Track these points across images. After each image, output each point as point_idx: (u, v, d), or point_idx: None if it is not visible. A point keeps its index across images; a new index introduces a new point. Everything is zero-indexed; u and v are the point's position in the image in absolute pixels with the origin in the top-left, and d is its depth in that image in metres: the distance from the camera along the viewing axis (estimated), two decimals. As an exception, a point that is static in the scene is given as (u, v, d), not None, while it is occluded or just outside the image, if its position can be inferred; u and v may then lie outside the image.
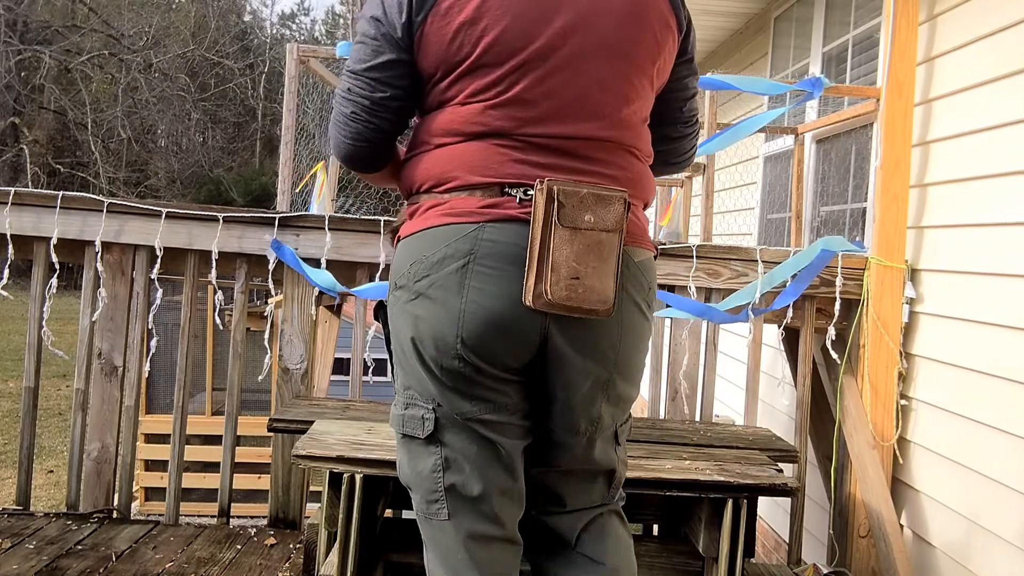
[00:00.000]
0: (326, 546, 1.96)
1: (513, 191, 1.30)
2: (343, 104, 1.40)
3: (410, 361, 1.36)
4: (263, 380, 3.44)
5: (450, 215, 1.31)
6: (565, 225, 1.25)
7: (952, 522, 2.55)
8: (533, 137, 1.32)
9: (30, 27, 22.15)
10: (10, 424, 8.51)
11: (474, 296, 1.27)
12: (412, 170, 1.40)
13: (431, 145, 1.37)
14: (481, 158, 1.32)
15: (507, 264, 1.27)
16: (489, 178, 1.31)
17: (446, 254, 1.29)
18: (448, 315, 1.28)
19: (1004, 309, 2.39)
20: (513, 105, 1.31)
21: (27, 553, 2.48)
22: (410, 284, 1.32)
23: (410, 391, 1.38)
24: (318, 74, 6.05)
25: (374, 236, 2.84)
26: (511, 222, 1.29)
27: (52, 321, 2.90)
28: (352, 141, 1.40)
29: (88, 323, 2.87)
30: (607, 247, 1.28)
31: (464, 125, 1.34)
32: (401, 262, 1.36)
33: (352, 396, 2.90)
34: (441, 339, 1.29)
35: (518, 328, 1.29)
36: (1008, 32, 2.44)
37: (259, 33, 28.50)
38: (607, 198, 1.29)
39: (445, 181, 1.34)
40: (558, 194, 1.25)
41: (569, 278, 1.24)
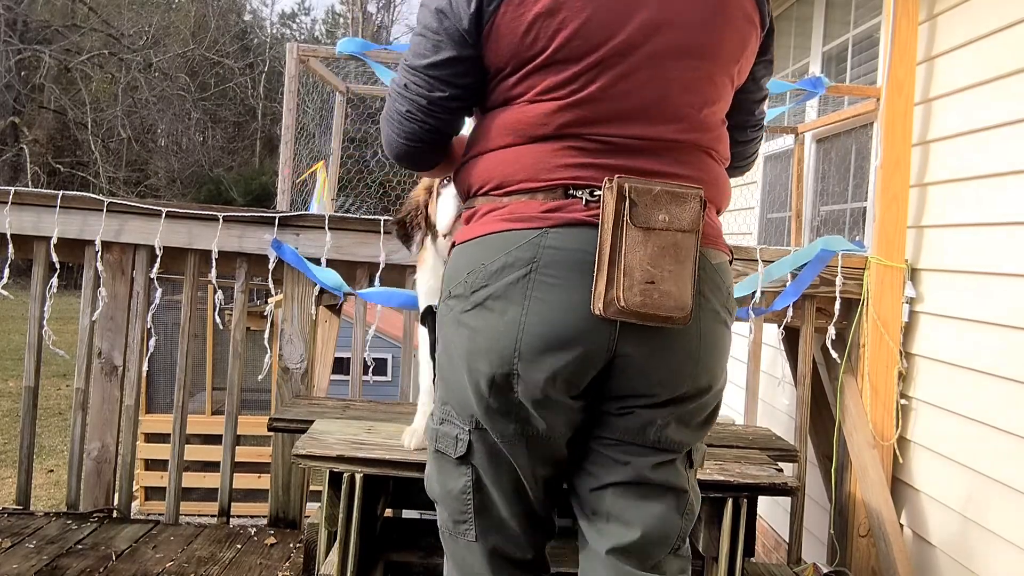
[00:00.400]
0: (326, 545, 1.96)
1: (578, 193, 1.21)
2: (398, 101, 1.31)
3: (457, 375, 1.27)
4: (263, 380, 3.44)
5: (510, 220, 1.22)
6: (638, 225, 1.16)
7: (952, 522, 2.55)
8: (605, 137, 1.23)
9: (30, 27, 22.14)
10: (10, 424, 8.51)
11: (536, 307, 1.18)
12: (470, 172, 1.32)
13: (492, 146, 1.29)
14: (545, 160, 1.24)
15: (572, 272, 1.19)
16: (552, 180, 1.23)
17: (506, 263, 1.20)
18: (507, 328, 1.19)
19: (1004, 309, 2.39)
20: (587, 105, 1.22)
21: (27, 552, 2.48)
22: (467, 294, 1.24)
23: (448, 407, 1.31)
24: (318, 74, 6.05)
25: (374, 236, 2.83)
26: (576, 226, 1.20)
27: (52, 321, 2.90)
28: (406, 141, 1.33)
29: (88, 323, 2.87)
30: (683, 249, 1.19)
31: (531, 126, 1.25)
32: (457, 270, 1.27)
33: (352, 396, 2.90)
34: (497, 353, 1.20)
35: (584, 342, 1.19)
36: (1008, 32, 2.44)
37: (259, 33, 28.51)
38: (682, 196, 1.19)
39: (505, 184, 1.25)
40: (629, 192, 1.16)
41: (643, 282, 1.15)
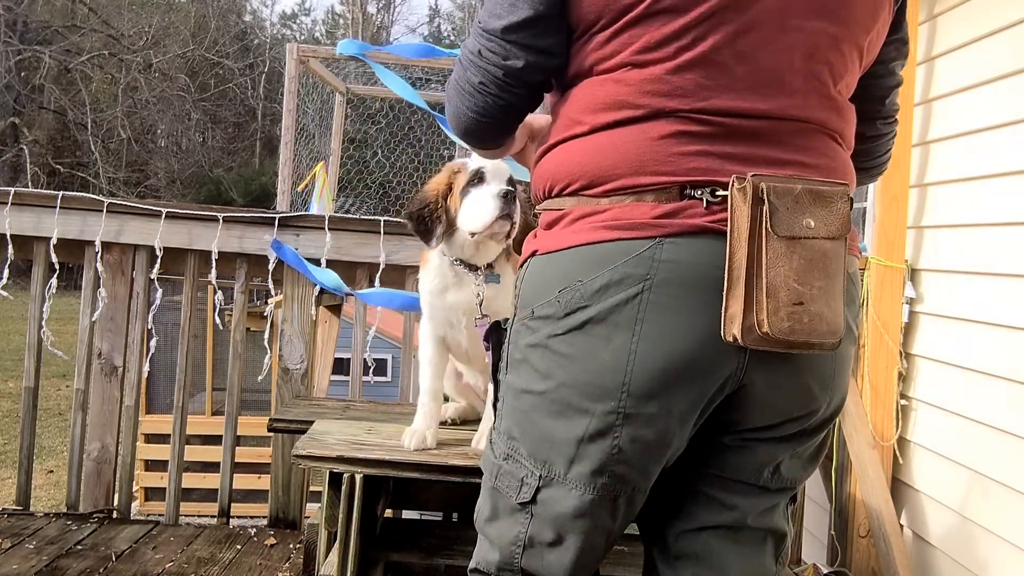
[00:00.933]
0: (326, 546, 1.95)
1: (697, 192, 1.00)
2: (471, 70, 1.10)
3: (535, 410, 1.07)
4: (263, 380, 3.44)
5: (613, 228, 1.02)
6: (780, 235, 0.96)
7: (952, 522, 2.55)
8: (719, 116, 1.01)
9: (30, 27, 22.15)
10: (10, 424, 8.51)
11: (650, 334, 0.99)
12: (553, 163, 1.11)
13: (579, 130, 1.07)
14: (652, 148, 1.01)
15: (695, 291, 0.99)
16: (664, 176, 1.01)
17: (611, 280, 1.00)
18: (612, 358, 1.00)
19: (1004, 309, 2.39)
20: (698, 68, 1.00)
21: (27, 553, 2.48)
22: (558, 315, 1.04)
23: (515, 443, 1.11)
24: (318, 74, 6.05)
25: (374, 236, 2.83)
26: (699, 235, 1.00)
27: (52, 321, 2.90)
28: (477, 115, 1.13)
29: (88, 323, 2.87)
30: (833, 260, 0.99)
31: (630, 100, 1.02)
32: (543, 286, 1.07)
33: (352, 396, 2.90)
34: (597, 388, 1.01)
35: (708, 374, 1.02)
36: (1008, 32, 2.44)
37: (259, 33, 28.51)
38: (827, 196, 0.99)
39: (602, 181, 1.04)
40: (768, 192, 0.95)
41: (791, 304, 0.95)
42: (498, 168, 1.66)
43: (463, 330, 1.79)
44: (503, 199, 1.59)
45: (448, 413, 2.08)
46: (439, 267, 1.77)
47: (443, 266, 1.76)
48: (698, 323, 0.99)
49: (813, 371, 1.07)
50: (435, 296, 1.79)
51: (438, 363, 1.87)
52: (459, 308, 1.77)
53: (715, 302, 0.98)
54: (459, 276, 1.75)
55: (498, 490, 1.14)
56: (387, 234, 2.82)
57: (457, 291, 1.76)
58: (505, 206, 1.59)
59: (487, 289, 1.72)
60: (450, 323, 1.81)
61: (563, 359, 1.04)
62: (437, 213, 1.69)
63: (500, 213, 1.59)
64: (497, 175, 1.66)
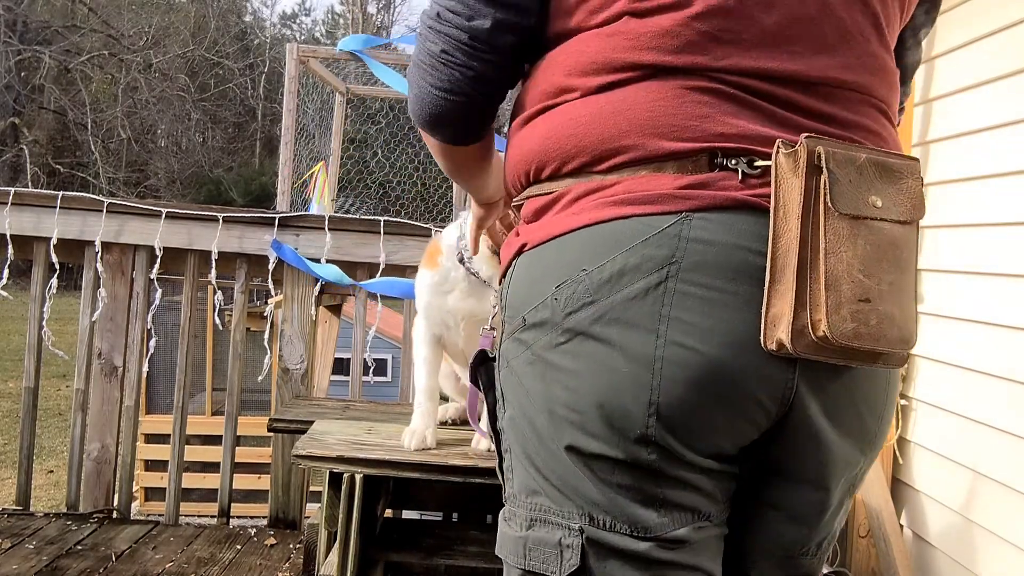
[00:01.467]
0: (326, 546, 1.95)
1: (731, 161, 0.80)
2: (431, 38, 0.91)
3: (547, 446, 0.84)
4: (263, 380, 3.44)
5: (627, 203, 0.80)
6: (843, 212, 0.76)
7: (952, 522, 2.55)
8: (743, 77, 0.81)
9: (30, 27, 22.15)
10: (10, 424, 8.51)
11: (678, 336, 0.77)
12: (537, 139, 0.89)
13: (573, 93, 0.86)
14: (670, 109, 0.81)
15: (731, 281, 0.78)
16: (687, 142, 0.80)
17: (625, 266, 0.78)
18: (632, 368, 0.78)
19: (1004, 309, 2.39)
20: (716, 18, 0.80)
21: (27, 553, 2.48)
22: (555, 319, 0.82)
23: (538, 499, 0.86)
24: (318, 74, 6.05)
25: (374, 236, 2.84)
26: (735, 210, 0.79)
27: (52, 321, 2.90)
28: (442, 91, 0.91)
29: (88, 323, 2.87)
30: (904, 250, 0.80)
31: (635, 50, 0.82)
32: (535, 286, 0.85)
33: (352, 396, 2.90)
34: (617, 409, 0.79)
35: (752, 388, 0.79)
36: (1008, 32, 2.44)
37: (259, 33, 28.51)
38: (896, 169, 0.80)
39: (608, 153, 0.83)
40: (827, 159, 0.76)
41: (855, 300, 0.75)
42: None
43: (460, 331, 1.79)
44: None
45: (448, 413, 2.08)
46: (451, 272, 1.76)
47: (456, 272, 1.75)
48: (740, 322, 0.77)
49: (865, 394, 0.86)
50: (437, 297, 1.79)
51: (433, 362, 1.86)
52: (459, 313, 1.76)
53: (755, 297, 0.77)
54: (471, 284, 1.74)
55: (533, 573, 0.85)
56: (387, 234, 2.82)
57: (463, 297, 1.76)
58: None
59: (489, 299, 1.72)
60: (446, 324, 1.80)
61: (567, 375, 0.81)
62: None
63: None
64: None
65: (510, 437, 0.90)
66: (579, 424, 0.81)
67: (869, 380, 0.85)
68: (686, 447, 0.80)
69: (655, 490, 0.81)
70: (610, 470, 0.81)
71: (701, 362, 0.77)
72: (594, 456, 0.81)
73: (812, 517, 0.89)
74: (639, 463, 0.80)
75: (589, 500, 0.82)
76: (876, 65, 0.88)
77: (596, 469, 0.81)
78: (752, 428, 0.82)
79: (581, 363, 0.80)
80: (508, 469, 0.91)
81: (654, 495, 0.81)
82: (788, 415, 0.82)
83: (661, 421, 0.78)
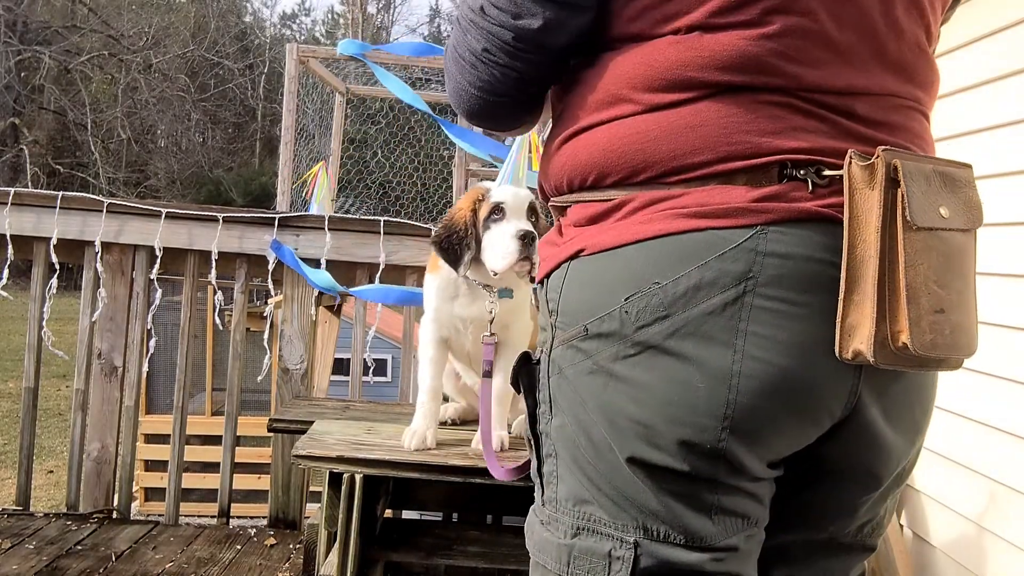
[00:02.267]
0: (326, 546, 1.95)
1: (800, 172, 0.80)
2: (473, 34, 0.87)
3: (604, 457, 0.83)
4: (263, 380, 3.44)
5: (699, 216, 0.80)
6: (920, 224, 0.76)
7: (952, 522, 2.55)
8: (816, 92, 0.82)
9: (30, 27, 22.16)
10: (10, 424, 8.51)
11: (755, 350, 0.77)
12: (598, 147, 0.86)
13: (634, 106, 0.84)
14: (740, 125, 0.80)
15: (805, 293, 0.78)
16: (758, 158, 0.80)
17: (701, 280, 0.78)
18: (708, 383, 0.78)
19: (1005, 309, 2.39)
20: (793, 37, 0.80)
21: (27, 553, 2.48)
22: (626, 331, 0.81)
23: (588, 508, 0.85)
24: (318, 74, 6.05)
25: (374, 236, 2.84)
26: (808, 222, 0.79)
27: (52, 321, 2.90)
28: (482, 92, 0.89)
29: (88, 323, 2.87)
30: (967, 258, 0.81)
31: (706, 68, 0.81)
32: (599, 295, 0.83)
33: (352, 396, 2.90)
34: (691, 423, 0.79)
35: (822, 395, 0.81)
36: (1008, 32, 2.44)
37: (259, 33, 28.52)
38: (956, 179, 0.81)
39: (679, 168, 0.81)
40: (904, 172, 0.76)
41: (932, 311, 0.77)
42: (518, 200, 1.65)
43: (468, 335, 1.79)
44: (522, 241, 1.58)
45: (448, 413, 2.08)
46: (452, 278, 1.76)
47: (457, 278, 1.75)
48: (810, 335, 0.78)
49: (920, 394, 0.88)
50: (444, 303, 1.79)
51: (438, 363, 1.87)
52: (468, 318, 1.77)
53: (828, 308, 0.77)
54: (472, 289, 1.75)
55: None
56: (387, 234, 2.82)
57: (468, 303, 1.76)
58: (524, 249, 1.58)
59: (499, 304, 1.72)
60: (456, 328, 1.81)
61: (637, 389, 0.80)
62: (467, 241, 1.66)
63: (520, 256, 1.59)
64: (517, 210, 1.64)
65: (557, 444, 0.89)
66: (646, 437, 0.80)
67: (925, 380, 0.89)
68: (753, 457, 0.80)
69: (713, 499, 0.81)
70: (671, 480, 0.81)
71: (777, 374, 0.78)
72: (657, 467, 0.81)
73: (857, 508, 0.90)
74: (703, 474, 0.80)
75: (645, 511, 0.82)
76: (927, 75, 0.90)
77: (658, 480, 0.81)
78: (815, 432, 0.83)
79: (653, 376, 0.80)
80: (550, 475, 0.90)
81: (711, 504, 0.81)
82: (849, 418, 0.83)
83: (734, 434, 0.78)
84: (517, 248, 1.59)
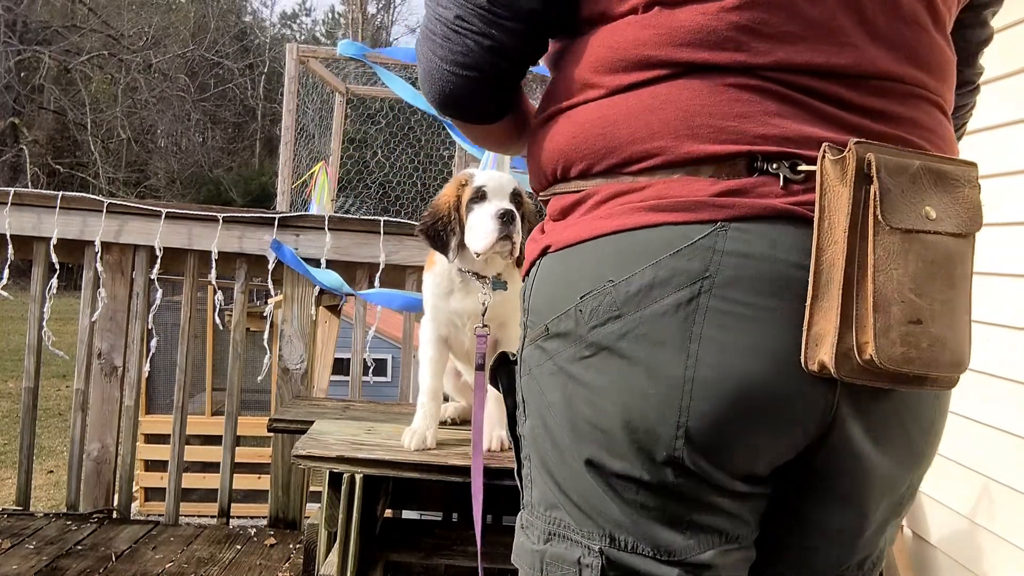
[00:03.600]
0: (326, 546, 1.96)
1: (772, 166, 0.74)
2: (443, 3, 0.83)
3: (567, 462, 0.81)
4: (263, 380, 3.44)
5: (658, 209, 0.75)
6: (895, 226, 0.70)
7: (952, 522, 2.55)
8: (791, 73, 0.75)
9: (30, 27, 22.16)
10: (10, 424, 8.51)
11: (711, 355, 0.72)
12: (562, 137, 0.84)
13: (597, 90, 0.80)
14: (707, 107, 0.75)
15: (770, 296, 0.72)
16: (726, 144, 0.75)
17: (654, 279, 0.74)
18: (660, 387, 0.74)
19: (1005, 309, 2.39)
20: (757, 9, 0.74)
21: (27, 553, 2.48)
22: (580, 331, 0.77)
23: (558, 513, 0.83)
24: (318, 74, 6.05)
25: (374, 236, 2.84)
26: (776, 220, 0.73)
27: (52, 321, 2.90)
28: (455, 66, 0.83)
29: (88, 323, 2.87)
30: (958, 265, 0.74)
31: (665, 46, 0.76)
32: (559, 293, 0.81)
33: (352, 396, 2.90)
34: (643, 429, 0.75)
35: (790, 409, 0.75)
36: (1008, 32, 2.44)
37: (259, 33, 28.52)
38: (952, 177, 0.74)
39: (640, 154, 0.77)
40: (878, 167, 0.70)
41: (906, 322, 0.70)
42: (500, 184, 1.66)
43: (467, 332, 1.79)
44: (501, 220, 1.59)
45: (448, 412, 2.08)
46: (446, 271, 1.76)
47: (451, 271, 1.76)
48: (775, 342, 0.72)
49: (914, 413, 0.81)
50: (440, 299, 1.79)
51: (439, 363, 1.87)
52: (464, 313, 1.77)
53: (797, 314, 0.72)
54: (466, 282, 1.75)
55: None
56: (387, 234, 2.82)
57: (463, 297, 1.76)
58: (504, 228, 1.59)
59: (493, 296, 1.72)
60: (454, 325, 1.81)
61: (592, 392, 0.77)
62: (451, 226, 1.67)
63: (499, 235, 1.59)
64: (499, 191, 1.65)
65: (530, 447, 0.86)
66: (602, 442, 0.77)
67: (924, 399, 0.81)
68: (717, 469, 0.75)
69: (681, 512, 0.77)
70: (634, 490, 0.77)
71: (735, 383, 0.72)
72: (617, 475, 0.77)
73: (849, 537, 0.84)
74: (665, 485, 0.75)
75: (611, 519, 0.78)
76: (931, 55, 0.81)
77: (619, 488, 0.77)
78: (789, 450, 0.77)
79: (606, 379, 0.76)
80: (527, 478, 0.88)
81: (679, 517, 0.77)
82: (827, 435, 0.77)
83: (690, 443, 0.74)
84: (496, 228, 1.59)
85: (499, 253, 1.64)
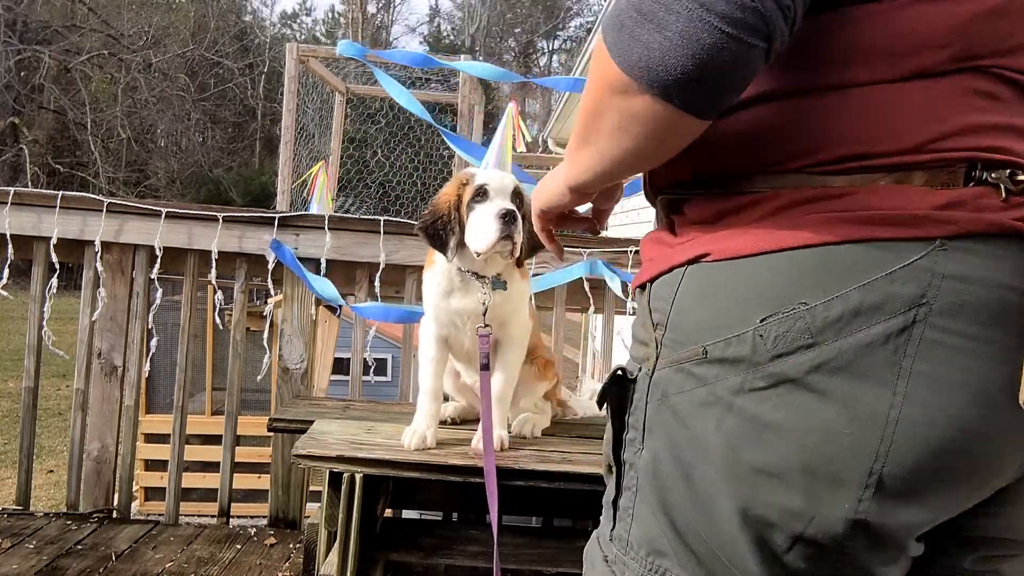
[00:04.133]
0: (326, 546, 1.96)
1: (991, 175, 0.66)
2: None
3: (703, 505, 0.71)
4: (263, 380, 3.44)
5: (864, 222, 0.65)
6: None
7: (952, 522, 2.54)
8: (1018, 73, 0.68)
9: (30, 27, 22.15)
10: (10, 424, 8.50)
11: (921, 393, 0.64)
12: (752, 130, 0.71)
13: (824, 80, 0.68)
14: (938, 110, 0.66)
15: (988, 327, 0.64)
16: (947, 152, 0.66)
17: (862, 304, 0.64)
18: (855, 430, 0.64)
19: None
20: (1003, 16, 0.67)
21: (27, 553, 2.48)
22: (758, 358, 0.67)
23: (664, 562, 0.74)
24: (318, 74, 6.05)
25: (374, 236, 2.84)
26: (1000, 238, 0.65)
27: (52, 321, 2.90)
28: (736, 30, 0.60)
29: (88, 323, 2.87)
30: None
31: (921, 42, 0.66)
32: (726, 311, 0.70)
33: (352, 396, 2.90)
34: (827, 475, 0.65)
35: (995, 454, 0.67)
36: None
37: (259, 33, 28.52)
38: None
39: (845, 153, 0.67)
40: None
41: None
42: (502, 183, 1.66)
43: (467, 332, 1.79)
44: (503, 220, 1.59)
45: (448, 412, 2.08)
46: (446, 271, 1.76)
47: (450, 270, 1.75)
48: (992, 379, 0.64)
49: None
50: (440, 299, 1.79)
51: (439, 363, 1.87)
52: (464, 313, 1.77)
53: (1017, 347, 0.63)
54: (466, 281, 1.75)
55: None
56: (387, 234, 2.82)
57: (463, 296, 1.76)
58: (505, 228, 1.59)
59: (493, 296, 1.72)
60: (455, 325, 1.81)
61: (763, 430, 0.67)
62: (451, 225, 1.67)
63: (501, 235, 1.59)
64: (500, 191, 1.65)
65: (643, 479, 0.76)
66: (767, 487, 0.66)
67: None
68: (896, 524, 0.66)
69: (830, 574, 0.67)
70: (786, 547, 0.67)
71: (945, 426, 0.63)
72: (773, 526, 0.67)
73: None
74: (829, 541, 0.66)
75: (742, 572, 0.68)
76: None
77: (772, 543, 0.67)
78: (975, 500, 0.69)
79: (786, 416, 0.65)
80: (625, 510, 0.78)
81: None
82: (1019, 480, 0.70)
83: (880, 493, 0.64)
84: (498, 227, 1.59)
85: (500, 253, 1.64)
